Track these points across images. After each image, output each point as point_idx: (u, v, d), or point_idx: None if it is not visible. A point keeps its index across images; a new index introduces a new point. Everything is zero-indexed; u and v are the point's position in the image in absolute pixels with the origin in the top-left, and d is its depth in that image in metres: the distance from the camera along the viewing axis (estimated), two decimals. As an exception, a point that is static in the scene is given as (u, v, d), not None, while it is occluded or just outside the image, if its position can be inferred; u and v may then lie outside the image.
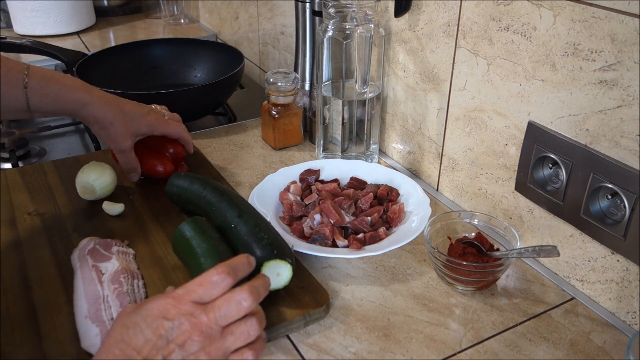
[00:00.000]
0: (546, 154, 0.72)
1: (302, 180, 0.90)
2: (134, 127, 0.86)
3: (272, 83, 1.02)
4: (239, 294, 0.52)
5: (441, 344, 0.65)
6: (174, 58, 1.31)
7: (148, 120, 0.87)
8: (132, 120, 0.85)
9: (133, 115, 0.85)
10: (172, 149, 0.92)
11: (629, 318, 0.67)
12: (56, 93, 0.78)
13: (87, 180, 0.85)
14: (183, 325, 0.50)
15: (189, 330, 0.50)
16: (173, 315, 0.51)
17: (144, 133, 0.88)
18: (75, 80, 0.82)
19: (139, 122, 0.86)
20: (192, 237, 0.70)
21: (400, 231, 0.79)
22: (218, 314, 0.51)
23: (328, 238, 0.77)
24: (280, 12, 1.33)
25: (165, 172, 0.90)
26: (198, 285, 0.53)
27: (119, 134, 0.84)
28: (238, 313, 0.52)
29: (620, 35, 0.60)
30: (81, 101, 0.80)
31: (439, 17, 0.85)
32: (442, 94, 0.88)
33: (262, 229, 0.70)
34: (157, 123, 0.88)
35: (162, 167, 0.91)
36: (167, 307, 0.51)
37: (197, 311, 0.51)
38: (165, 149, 0.92)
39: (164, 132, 0.89)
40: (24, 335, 0.64)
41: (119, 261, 0.72)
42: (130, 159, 0.87)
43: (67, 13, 1.69)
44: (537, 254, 0.69)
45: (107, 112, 0.82)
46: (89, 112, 0.81)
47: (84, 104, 0.80)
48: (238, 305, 0.52)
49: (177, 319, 0.50)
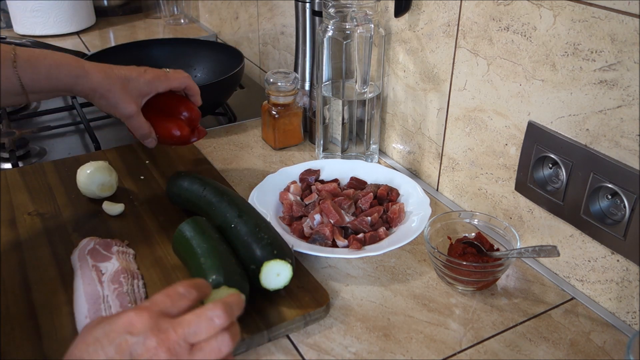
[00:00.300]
0: (546, 154, 0.72)
1: (302, 180, 0.90)
2: (134, 89, 0.82)
3: (272, 83, 1.02)
4: (212, 311, 0.48)
5: (441, 344, 0.65)
6: (174, 58, 1.31)
7: (146, 79, 0.83)
8: (129, 82, 0.82)
9: (129, 77, 0.82)
10: (185, 111, 0.87)
11: (629, 318, 0.67)
12: (47, 69, 0.77)
13: (109, 178, 0.87)
14: (149, 341, 0.46)
15: (155, 346, 0.46)
16: (139, 329, 0.46)
17: (146, 92, 0.84)
18: (65, 55, 0.80)
19: (137, 81, 0.83)
20: (192, 237, 0.70)
21: (400, 231, 0.79)
22: (187, 331, 0.47)
23: (328, 238, 0.77)
24: (280, 12, 1.33)
25: (182, 136, 0.87)
26: (165, 296, 0.50)
27: (120, 100, 0.81)
28: (208, 331, 0.48)
29: (620, 35, 0.60)
30: (73, 73, 0.78)
31: (439, 17, 0.85)
32: (442, 94, 0.88)
33: (262, 229, 0.70)
34: (157, 79, 0.84)
35: (178, 131, 0.86)
36: (132, 321, 0.47)
37: (164, 325, 0.47)
38: (179, 112, 0.87)
39: (167, 86, 0.86)
40: (24, 335, 0.64)
41: (119, 261, 0.72)
42: (141, 123, 0.84)
43: (67, 13, 1.69)
44: (537, 254, 0.69)
45: (102, 80, 0.79)
46: (84, 84, 0.79)
47: (77, 76, 0.78)
48: (209, 322, 0.48)
49: (142, 333, 0.46)
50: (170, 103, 0.88)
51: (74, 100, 1.21)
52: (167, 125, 0.86)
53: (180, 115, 0.87)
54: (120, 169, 0.95)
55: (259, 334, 0.64)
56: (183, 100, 0.88)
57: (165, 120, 0.87)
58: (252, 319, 0.65)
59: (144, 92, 0.84)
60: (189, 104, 0.88)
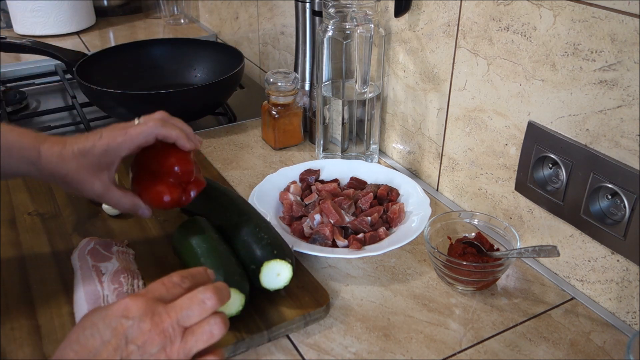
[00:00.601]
0: (546, 154, 0.72)
1: (302, 180, 0.90)
2: (90, 164, 0.68)
3: (272, 83, 1.02)
4: (203, 294, 0.49)
5: (441, 344, 0.65)
6: (174, 58, 1.31)
7: (101, 147, 0.67)
8: (85, 158, 0.67)
9: (83, 151, 0.67)
10: (177, 166, 0.70)
11: (629, 318, 0.67)
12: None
13: None
14: (143, 324, 0.48)
15: (149, 329, 0.48)
16: (134, 313, 0.48)
17: (107, 163, 0.69)
18: (23, 134, 0.68)
19: (92, 154, 0.67)
20: (192, 237, 0.70)
21: (400, 231, 0.79)
22: (180, 314, 0.48)
23: (328, 238, 0.77)
24: (280, 12, 1.33)
25: (173, 200, 0.71)
26: (160, 284, 0.51)
27: (79, 182, 0.68)
28: (200, 314, 0.49)
29: (620, 35, 0.60)
30: (27, 159, 0.67)
31: (439, 17, 0.85)
32: (442, 94, 0.88)
33: (262, 229, 0.70)
34: (113, 142, 0.68)
35: (168, 196, 0.70)
36: (127, 306, 0.49)
37: (158, 309, 0.49)
38: (170, 167, 0.70)
39: (130, 146, 0.69)
40: (24, 335, 0.64)
41: (119, 261, 0.72)
42: (117, 198, 0.70)
43: (67, 13, 1.69)
44: (537, 254, 0.69)
45: (57, 164, 0.67)
46: (42, 170, 0.67)
47: (32, 162, 0.67)
48: (201, 304, 0.49)
49: (137, 317, 0.48)
50: (157, 158, 0.71)
51: (74, 100, 1.21)
52: (155, 190, 0.71)
53: (172, 170, 0.70)
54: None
55: (259, 334, 0.64)
56: (172, 150, 0.71)
57: (153, 183, 0.71)
58: (252, 319, 0.65)
59: (105, 163, 0.68)
60: (179, 154, 0.71)
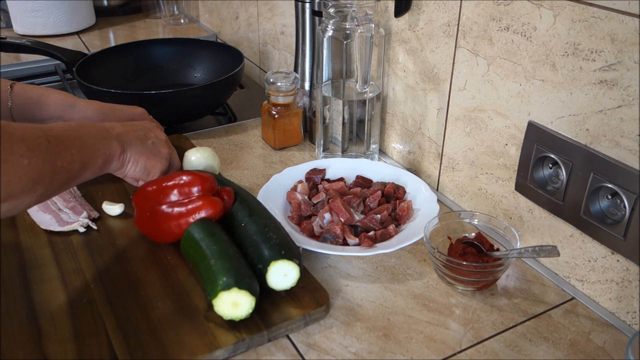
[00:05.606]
0: (546, 154, 0.72)
1: (308, 180, 0.90)
2: None
3: (272, 83, 1.02)
4: None
5: (441, 344, 0.65)
6: (174, 58, 1.31)
7: None
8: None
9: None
10: (197, 186, 0.74)
11: (629, 318, 0.67)
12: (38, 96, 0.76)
13: (212, 164, 0.90)
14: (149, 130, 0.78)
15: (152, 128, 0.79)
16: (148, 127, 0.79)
17: None
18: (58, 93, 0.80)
19: None
20: (202, 239, 0.69)
21: (410, 228, 0.80)
22: None
23: (339, 237, 0.77)
24: (280, 12, 1.33)
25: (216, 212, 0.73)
26: None
27: None
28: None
29: (620, 35, 0.60)
30: (67, 102, 0.76)
31: (439, 17, 0.85)
32: (442, 94, 0.88)
33: (271, 229, 0.70)
34: None
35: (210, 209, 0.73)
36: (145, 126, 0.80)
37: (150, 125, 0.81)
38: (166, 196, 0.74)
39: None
40: (24, 335, 0.64)
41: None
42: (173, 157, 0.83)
43: (67, 13, 1.69)
44: (537, 254, 0.69)
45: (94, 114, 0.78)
46: (75, 113, 0.77)
47: (71, 105, 0.75)
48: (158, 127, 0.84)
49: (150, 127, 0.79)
50: (159, 194, 0.74)
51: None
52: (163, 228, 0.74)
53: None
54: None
55: (259, 334, 0.64)
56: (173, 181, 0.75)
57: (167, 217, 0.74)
58: (252, 319, 0.65)
59: None
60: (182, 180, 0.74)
